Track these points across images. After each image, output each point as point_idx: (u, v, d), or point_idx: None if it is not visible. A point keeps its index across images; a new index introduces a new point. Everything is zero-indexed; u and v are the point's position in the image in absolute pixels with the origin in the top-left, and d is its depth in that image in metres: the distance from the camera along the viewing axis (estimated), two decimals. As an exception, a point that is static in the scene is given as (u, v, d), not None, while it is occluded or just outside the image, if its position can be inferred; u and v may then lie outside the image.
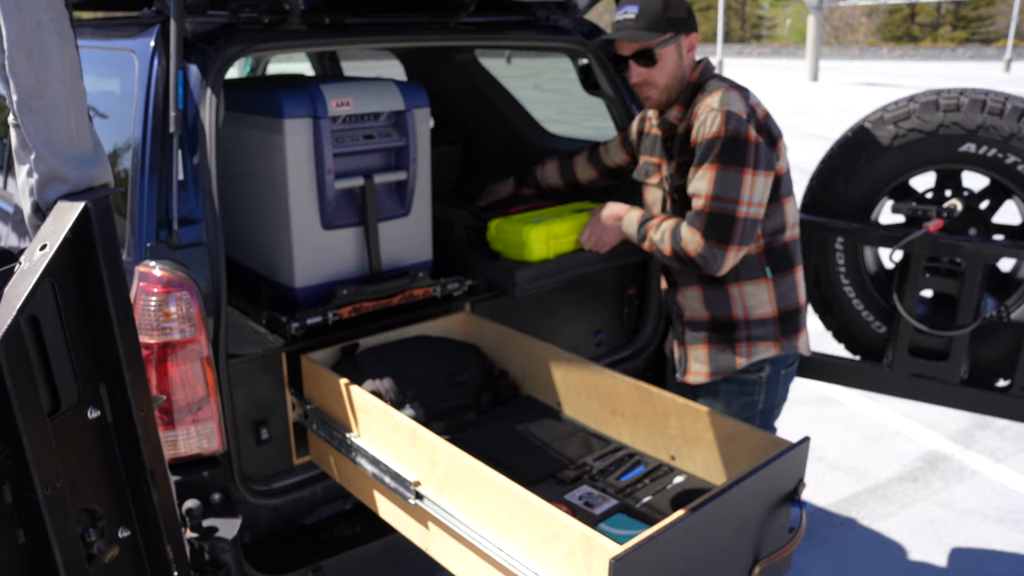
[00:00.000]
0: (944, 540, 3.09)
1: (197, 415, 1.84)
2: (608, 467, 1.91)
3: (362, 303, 2.24)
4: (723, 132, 1.96)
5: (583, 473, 1.90)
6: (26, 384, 0.96)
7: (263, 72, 5.56)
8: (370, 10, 2.37)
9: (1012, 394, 2.34)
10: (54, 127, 1.06)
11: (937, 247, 2.33)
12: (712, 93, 2.04)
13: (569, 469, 1.92)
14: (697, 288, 2.18)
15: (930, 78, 26.45)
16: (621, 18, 2.11)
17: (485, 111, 3.81)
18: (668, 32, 2.07)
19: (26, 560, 1.01)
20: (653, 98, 2.15)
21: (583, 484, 1.86)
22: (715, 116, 1.98)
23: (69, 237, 1.04)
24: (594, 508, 1.76)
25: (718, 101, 2.00)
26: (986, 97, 2.28)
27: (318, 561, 2.11)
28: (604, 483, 1.85)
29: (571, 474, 1.90)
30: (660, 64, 2.09)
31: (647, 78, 2.12)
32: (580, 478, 1.88)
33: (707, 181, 1.99)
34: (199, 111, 1.93)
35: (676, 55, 2.10)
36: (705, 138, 2.00)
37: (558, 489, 1.84)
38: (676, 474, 1.87)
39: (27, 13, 1.01)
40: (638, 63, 2.10)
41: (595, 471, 1.90)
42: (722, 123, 1.97)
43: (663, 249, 2.09)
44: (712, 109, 2.00)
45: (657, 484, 1.84)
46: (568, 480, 1.88)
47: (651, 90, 2.13)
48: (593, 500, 1.79)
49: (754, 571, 1.54)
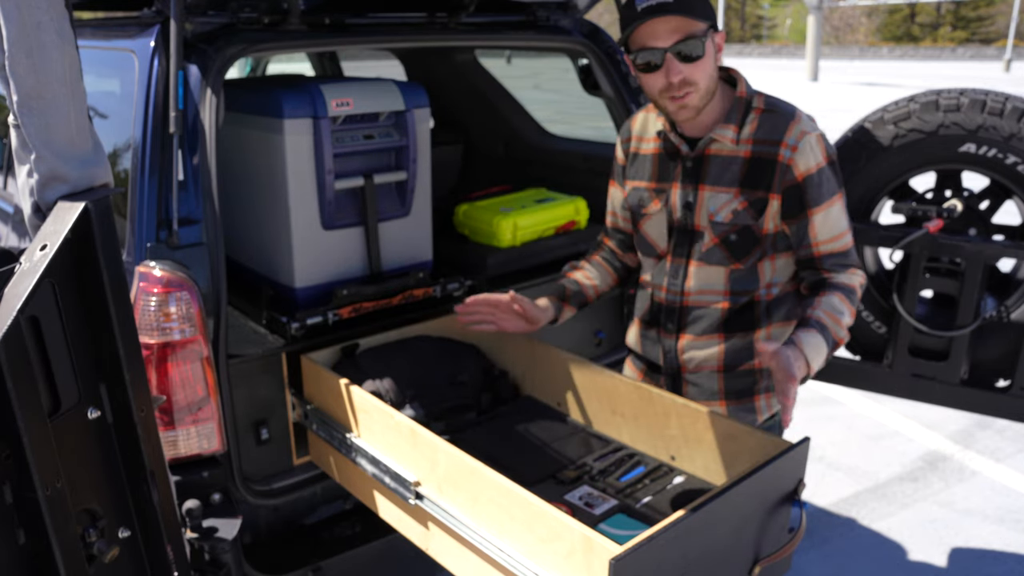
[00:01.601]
0: (944, 540, 3.09)
1: (197, 415, 1.84)
2: (608, 467, 1.91)
3: (362, 303, 2.24)
4: (829, 157, 1.74)
5: (583, 473, 1.90)
6: (26, 384, 0.96)
7: (263, 72, 5.56)
8: (370, 10, 2.37)
9: (1012, 394, 2.34)
10: (54, 127, 1.06)
11: (937, 247, 2.33)
12: (794, 117, 1.75)
13: (569, 469, 1.92)
14: (718, 336, 1.88)
15: (930, 78, 26.44)
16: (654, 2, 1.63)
17: (485, 111, 3.81)
18: (710, 21, 1.67)
19: (26, 560, 1.01)
20: (692, 104, 1.72)
21: (583, 484, 1.85)
22: (815, 143, 1.73)
23: (69, 237, 1.04)
24: (594, 508, 1.76)
25: (807, 124, 1.75)
26: (986, 97, 2.28)
27: (318, 561, 2.11)
28: (604, 483, 1.85)
29: (571, 474, 1.90)
30: (703, 61, 1.68)
31: (689, 76, 1.67)
32: (580, 478, 1.88)
33: (844, 213, 1.77)
34: (199, 111, 1.93)
35: (713, 52, 1.71)
36: (818, 168, 1.73)
37: (558, 489, 1.84)
38: (676, 474, 1.87)
39: (27, 13, 1.01)
40: (680, 58, 1.66)
41: (595, 471, 1.90)
42: (824, 148, 1.74)
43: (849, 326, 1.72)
44: (807, 135, 1.72)
45: (657, 484, 1.84)
46: (568, 480, 1.88)
47: (692, 94, 1.70)
48: (593, 500, 1.79)
49: (754, 571, 1.54)
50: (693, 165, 1.83)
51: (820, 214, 1.75)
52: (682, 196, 1.86)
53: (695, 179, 1.83)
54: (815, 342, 1.61)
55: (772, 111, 1.78)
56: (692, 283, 1.89)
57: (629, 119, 2.03)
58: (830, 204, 1.75)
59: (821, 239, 1.77)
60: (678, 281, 1.90)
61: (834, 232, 1.77)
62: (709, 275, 1.87)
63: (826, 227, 1.76)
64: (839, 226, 1.77)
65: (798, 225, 1.78)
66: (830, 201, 1.75)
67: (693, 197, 1.84)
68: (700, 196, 1.83)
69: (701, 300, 1.89)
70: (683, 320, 1.91)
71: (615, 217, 2.09)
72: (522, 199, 2.84)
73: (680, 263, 1.90)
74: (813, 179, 1.73)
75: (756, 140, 1.77)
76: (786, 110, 1.78)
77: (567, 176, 3.32)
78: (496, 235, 2.65)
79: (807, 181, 1.73)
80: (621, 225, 2.08)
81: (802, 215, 1.76)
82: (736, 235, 1.81)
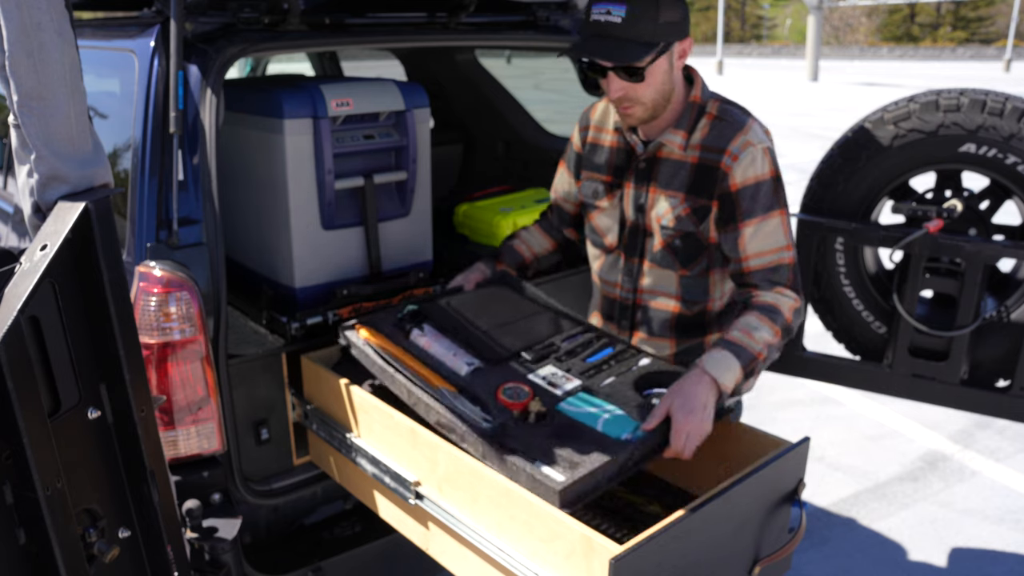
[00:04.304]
0: (944, 540, 3.09)
1: (197, 415, 1.84)
2: (576, 348, 1.86)
3: (362, 303, 2.24)
4: (773, 172, 1.71)
5: (550, 353, 1.85)
6: (27, 384, 0.96)
7: (263, 72, 5.56)
8: (370, 10, 2.37)
9: (1012, 394, 2.34)
10: (54, 128, 1.06)
11: (937, 247, 2.33)
12: (743, 127, 1.74)
13: (536, 348, 1.87)
14: (669, 341, 1.94)
15: (930, 78, 26.45)
16: (602, 19, 1.66)
17: (485, 111, 3.81)
18: (660, 41, 1.67)
19: (26, 560, 1.01)
20: (636, 115, 1.77)
21: (548, 364, 1.81)
22: (759, 154, 1.71)
23: (69, 238, 1.04)
24: (556, 388, 1.73)
25: (755, 135, 1.73)
26: (986, 97, 2.28)
27: (318, 561, 2.11)
28: (569, 363, 1.81)
29: (538, 353, 1.84)
30: (649, 79, 1.71)
31: (630, 93, 1.73)
32: (546, 357, 1.84)
33: (781, 230, 1.72)
34: (199, 111, 1.93)
35: (667, 65, 1.73)
36: (756, 181, 1.70)
37: (523, 369, 1.80)
38: (643, 357, 1.84)
39: (27, 13, 1.01)
40: (621, 76, 1.71)
41: (562, 352, 1.85)
42: (770, 162, 1.71)
43: (778, 347, 1.68)
44: (751, 146, 1.71)
45: (622, 366, 1.80)
46: (534, 360, 1.82)
47: (634, 107, 1.75)
48: (557, 380, 1.75)
49: (754, 571, 1.54)
50: (646, 166, 1.85)
51: (751, 227, 1.71)
52: (635, 196, 1.88)
53: (647, 180, 1.84)
54: (719, 357, 1.60)
55: (723, 119, 1.77)
56: (645, 282, 1.92)
57: (589, 107, 2.05)
58: (764, 219, 1.71)
59: (750, 252, 1.73)
60: (631, 279, 1.94)
61: (764, 247, 1.72)
62: (661, 277, 1.90)
63: (756, 241, 1.72)
64: (771, 242, 1.71)
65: (728, 236, 1.76)
66: (764, 216, 1.71)
67: (645, 199, 1.86)
68: (651, 198, 1.85)
69: (653, 301, 1.92)
70: (635, 318, 1.95)
71: (561, 202, 2.17)
72: (522, 199, 2.84)
73: (634, 262, 1.93)
74: (748, 190, 1.71)
75: (704, 147, 1.77)
76: (737, 119, 1.76)
77: None
78: (496, 235, 2.65)
79: (740, 192, 1.71)
80: (564, 207, 2.17)
81: (732, 226, 1.74)
82: (680, 240, 1.82)
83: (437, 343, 1.85)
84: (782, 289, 1.72)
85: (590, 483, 1.46)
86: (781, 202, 1.73)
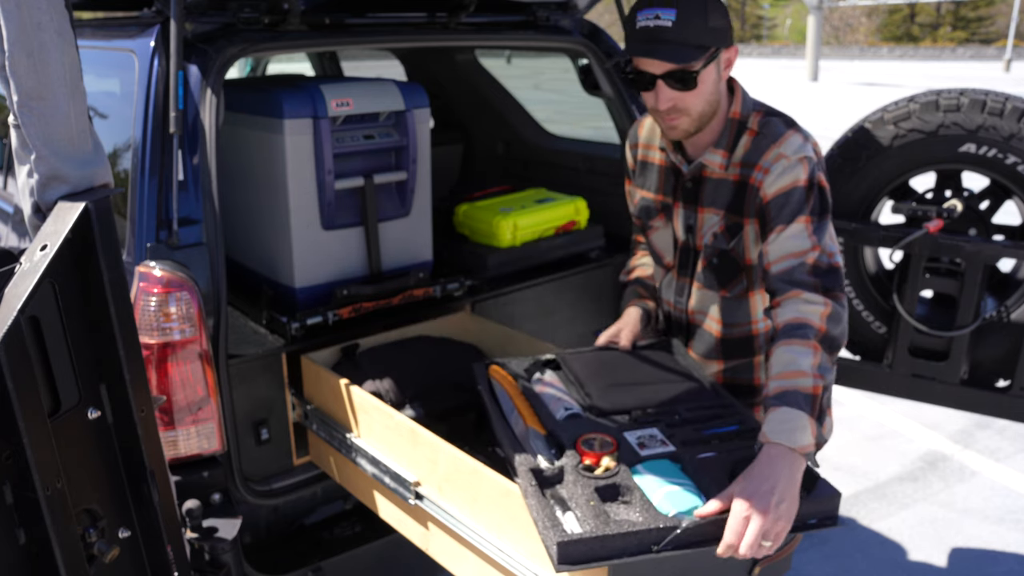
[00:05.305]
0: (944, 540, 3.09)
1: (197, 415, 1.84)
2: (697, 417, 1.64)
3: (362, 303, 2.24)
4: (807, 181, 1.63)
5: (662, 415, 1.66)
6: (27, 385, 0.96)
7: (263, 72, 5.56)
8: (370, 10, 2.37)
9: (1012, 394, 2.34)
10: (54, 128, 1.06)
11: (937, 247, 2.33)
12: (778, 139, 1.67)
13: (651, 409, 1.69)
14: (717, 363, 1.89)
15: (930, 78, 26.45)
16: (651, 24, 1.59)
17: (485, 111, 3.81)
18: (712, 46, 1.61)
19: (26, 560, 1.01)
20: (681, 127, 1.70)
21: (655, 426, 1.62)
22: (792, 165, 1.64)
23: (69, 238, 1.04)
24: (643, 449, 1.53)
25: (790, 147, 1.65)
26: (986, 97, 2.28)
27: (318, 561, 2.11)
28: (679, 431, 1.60)
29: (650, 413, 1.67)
30: (700, 87, 1.64)
31: (679, 104, 1.65)
32: (656, 419, 1.64)
33: (806, 232, 1.61)
34: (199, 111, 1.93)
35: (715, 74, 1.66)
36: (786, 190, 1.63)
37: (625, 424, 1.63)
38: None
39: (27, 13, 1.01)
40: (671, 85, 1.63)
41: (680, 418, 1.65)
42: (806, 171, 1.63)
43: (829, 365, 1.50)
44: (784, 158, 1.64)
45: (733, 444, 1.54)
46: (642, 419, 1.65)
47: (681, 118, 1.68)
48: (650, 442, 1.56)
49: (754, 571, 1.54)
50: (692, 186, 1.81)
51: (774, 234, 1.63)
52: (684, 217, 1.85)
53: (695, 200, 1.81)
54: (778, 418, 1.39)
55: (761, 132, 1.70)
56: (694, 303, 1.91)
57: (636, 123, 2.03)
58: (790, 223, 1.62)
59: (771, 259, 1.63)
60: (683, 299, 1.93)
61: (783, 251, 1.61)
62: (705, 297, 1.88)
63: (775, 246, 1.63)
64: (791, 245, 1.61)
65: (761, 249, 1.69)
66: (793, 221, 1.62)
67: (694, 219, 1.82)
68: (700, 218, 1.81)
69: (701, 320, 1.91)
70: (689, 336, 1.94)
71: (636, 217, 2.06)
72: (522, 199, 2.84)
73: (684, 281, 1.92)
74: (778, 200, 1.64)
75: (743, 163, 1.71)
76: (774, 132, 1.69)
77: (567, 176, 3.33)
78: (496, 235, 2.65)
79: (771, 203, 1.65)
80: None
81: (765, 239, 1.67)
82: (717, 259, 1.78)
83: (552, 388, 1.77)
84: (801, 293, 1.56)
85: (596, 547, 1.29)
86: (812, 208, 1.62)
